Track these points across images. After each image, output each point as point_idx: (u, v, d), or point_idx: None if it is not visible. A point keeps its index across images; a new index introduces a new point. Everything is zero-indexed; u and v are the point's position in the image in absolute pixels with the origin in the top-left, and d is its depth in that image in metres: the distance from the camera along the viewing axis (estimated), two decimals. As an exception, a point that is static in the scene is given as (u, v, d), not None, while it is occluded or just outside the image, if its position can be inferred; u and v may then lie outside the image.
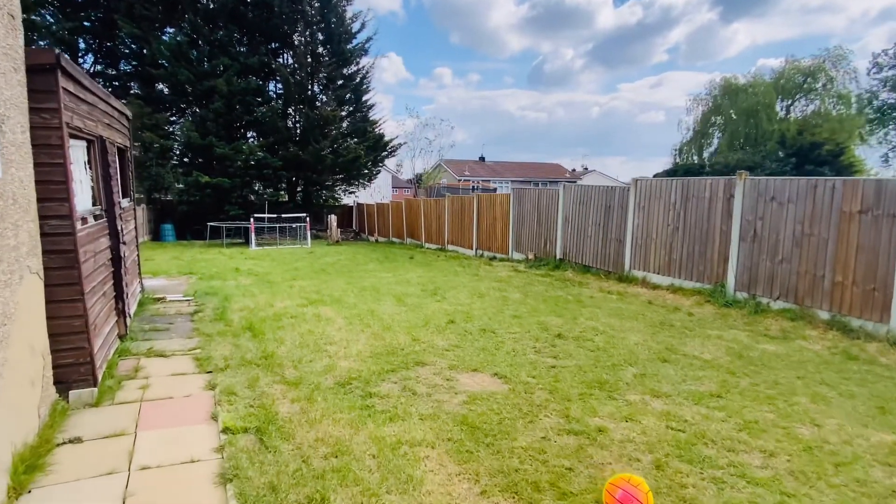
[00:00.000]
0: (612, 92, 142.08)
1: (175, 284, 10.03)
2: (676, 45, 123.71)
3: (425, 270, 12.60)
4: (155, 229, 25.60)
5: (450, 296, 9.16)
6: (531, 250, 13.41)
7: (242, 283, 10.25)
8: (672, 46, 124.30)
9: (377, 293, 9.27)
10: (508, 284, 10.37)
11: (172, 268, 12.78)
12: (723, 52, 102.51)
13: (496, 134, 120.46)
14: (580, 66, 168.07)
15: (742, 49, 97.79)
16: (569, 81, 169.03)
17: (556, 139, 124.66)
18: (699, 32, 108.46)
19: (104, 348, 4.69)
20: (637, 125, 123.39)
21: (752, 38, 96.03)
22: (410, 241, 21.86)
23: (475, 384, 4.94)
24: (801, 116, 44.85)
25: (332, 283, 10.45)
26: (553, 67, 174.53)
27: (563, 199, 12.27)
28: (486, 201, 15.85)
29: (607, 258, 10.96)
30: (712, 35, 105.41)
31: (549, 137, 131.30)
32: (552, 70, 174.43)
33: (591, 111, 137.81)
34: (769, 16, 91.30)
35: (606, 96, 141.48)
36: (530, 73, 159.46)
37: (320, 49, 27.51)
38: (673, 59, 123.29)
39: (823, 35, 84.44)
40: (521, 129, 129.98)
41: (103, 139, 5.24)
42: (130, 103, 23.27)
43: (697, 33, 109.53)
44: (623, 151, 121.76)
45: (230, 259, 15.68)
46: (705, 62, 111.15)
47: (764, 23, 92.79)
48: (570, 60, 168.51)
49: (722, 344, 6.43)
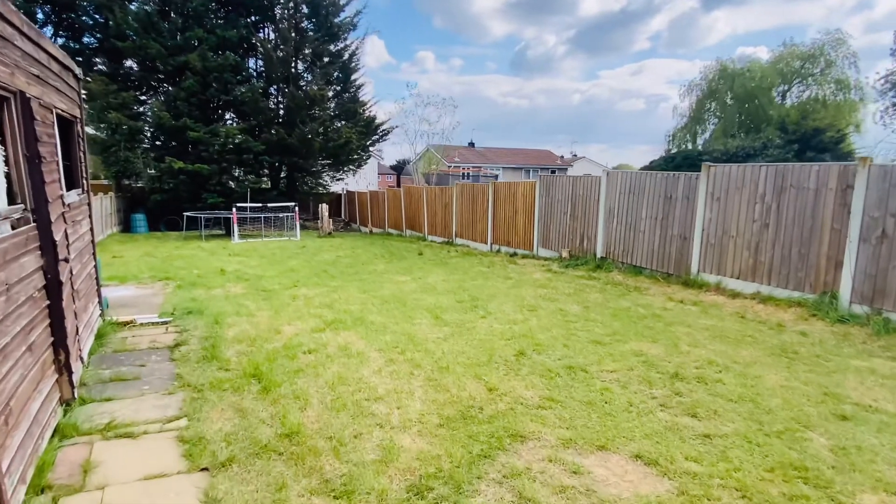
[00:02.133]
0: (593, 79, 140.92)
1: (147, 295, 8.07)
2: (658, 32, 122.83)
3: (445, 271, 10.81)
4: (125, 219, 23.24)
5: (493, 308, 7.40)
6: (564, 247, 11.70)
7: (232, 293, 8.32)
8: (654, 34, 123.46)
9: (404, 306, 7.46)
10: (555, 291, 8.65)
11: (144, 269, 10.76)
12: (703, 40, 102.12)
13: (478, 120, 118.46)
14: (562, 53, 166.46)
15: (722, 37, 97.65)
16: (551, 68, 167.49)
17: (537, 126, 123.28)
18: (681, 20, 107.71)
19: (26, 447, 2.83)
20: (617, 112, 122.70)
21: (732, 26, 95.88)
22: (411, 232, 19.99)
23: (619, 480, 3.22)
24: (797, 102, 43.90)
25: (342, 291, 8.59)
26: (536, 54, 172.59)
27: (605, 188, 10.57)
28: (504, 190, 14.07)
29: (667, 258, 9.32)
30: (693, 23, 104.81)
31: (531, 124, 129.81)
32: (535, 56, 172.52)
33: (571, 98, 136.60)
34: (749, 4, 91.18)
35: (587, 83, 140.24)
36: (513, 58, 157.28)
37: (305, 23, 25.20)
38: (654, 47, 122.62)
39: (801, 25, 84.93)
40: (503, 115, 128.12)
41: (27, 98, 3.32)
42: (94, 80, 20.85)
43: (679, 20, 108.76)
44: (603, 139, 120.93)
45: (212, 255, 13.65)
46: (686, 50, 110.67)
47: (744, 11, 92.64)
48: (553, 47, 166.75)
49: (886, 383, 4.83)
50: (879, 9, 69.22)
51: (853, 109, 41.40)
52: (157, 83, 23.31)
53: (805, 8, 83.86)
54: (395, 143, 35.13)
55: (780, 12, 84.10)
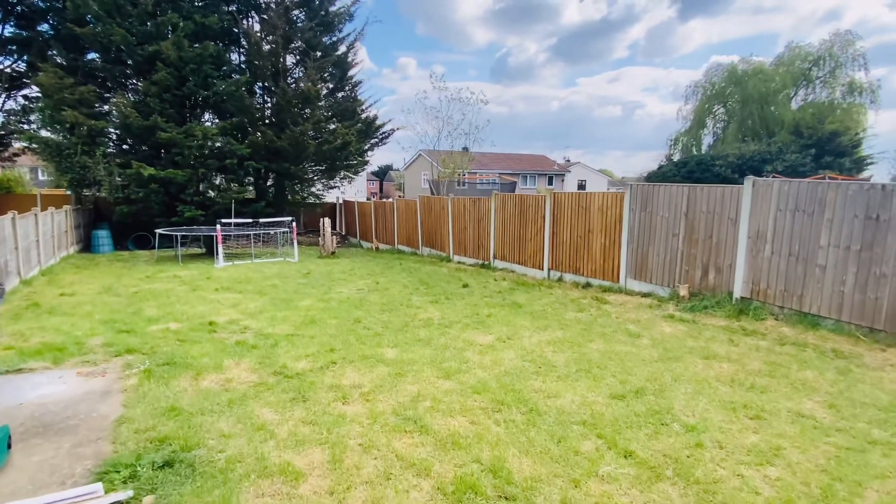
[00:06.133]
0: (572, 86, 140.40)
1: (93, 398, 4.79)
2: (636, 41, 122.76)
3: (527, 319, 7.74)
4: (86, 236, 19.61)
5: (696, 421, 4.36)
6: (673, 279, 8.77)
7: (238, 390, 5.00)
8: (632, 42, 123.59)
9: (540, 420, 4.31)
10: (737, 366, 5.68)
11: (98, 324, 7.45)
12: (679, 48, 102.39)
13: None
14: (543, 61, 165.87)
15: (697, 46, 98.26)
16: (531, 75, 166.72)
17: (517, 133, 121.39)
18: (659, 28, 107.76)
19: None
20: (594, 119, 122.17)
21: (707, 36, 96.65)
22: (429, 251, 16.89)
23: None
24: (805, 104, 42.19)
25: (409, 373, 5.43)
26: (517, 61, 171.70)
27: (749, 202, 7.68)
28: (568, 202, 11.11)
29: (871, 307, 6.44)
30: (671, 31, 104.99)
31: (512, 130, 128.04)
32: (516, 64, 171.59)
33: (550, 105, 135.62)
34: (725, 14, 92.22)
35: (566, 90, 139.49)
36: (494, 66, 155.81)
37: (295, 11, 22.02)
38: (632, 55, 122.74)
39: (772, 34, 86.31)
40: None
41: None
42: (45, 72, 17.32)
43: (657, 29, 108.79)
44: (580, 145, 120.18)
45: (193, 291, 10.36)
46: (662, 58, 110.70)
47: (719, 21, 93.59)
48: (534, 55, 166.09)
49: None
50: (848, 18, 69.65)
51: (863, 112, 39.92)
52: (123, 77, 19.79)
53: (776, 18, 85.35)
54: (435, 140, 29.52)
55: (752, 21, 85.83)
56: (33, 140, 19.20)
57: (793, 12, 79.39)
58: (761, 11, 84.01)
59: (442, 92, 27.55)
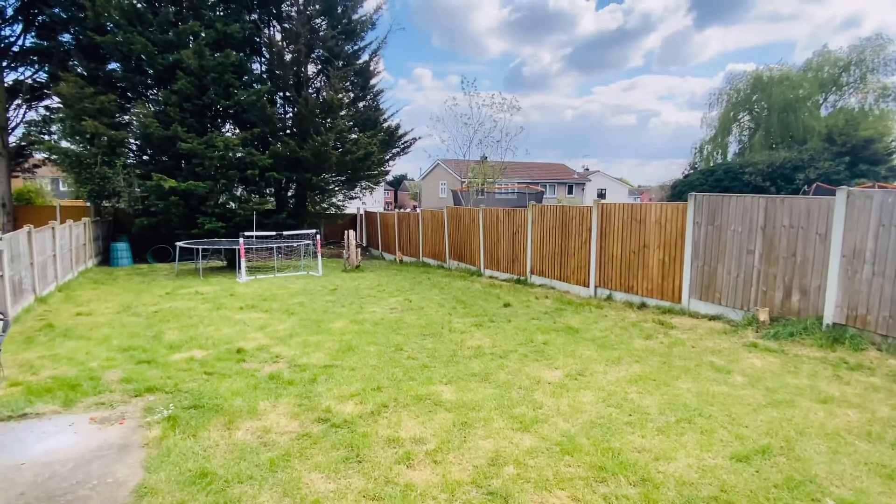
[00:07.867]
0: (587, 95, 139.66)
1: (107, 458, 4.02)
2: (651, 50, 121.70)
3: (591, 347, 6.89)
4: (105, 249, 19.18)
5: (829, 477, 3.51)
6: (758, 303, 7.85)
7: (280, 444, 4.19)
8: (648, 51, 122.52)
9: (654, 489, 3.46)
10: (850, 406, 4.76)
11: (113, 350, 6.77)
12: (695, 57, 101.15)
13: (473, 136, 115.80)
14: (557, 70, 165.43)
15: (713, 54, 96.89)
16: (545, 85, 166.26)
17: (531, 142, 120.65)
18: (675, 37, 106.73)
19: None
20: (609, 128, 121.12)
21: (722, 44, 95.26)
22: (457, 264, 16.09)
23: None
24: (835, 111, 40.81)
25: (476, 422, 4.63)
26: (531, 71, 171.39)
27: (843, 215, 6.78)
28: (618, 214, 10.25)
29: None
30: (687, 40, 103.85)
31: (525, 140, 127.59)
32: (530, 73, 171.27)
33: (564, 114, 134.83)
34: (742, 22, 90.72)
35: (580, 99, 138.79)
36: (508, 75, 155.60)
37: (318, 20, 21.51)
38: (647, 64, 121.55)
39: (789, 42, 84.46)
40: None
41: None
42: (66, 81, 16.95)
43: (673, 38, 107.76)
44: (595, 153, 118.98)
45: (217, 310, 9.67)
46: (678, 67, 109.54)
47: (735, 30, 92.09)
48: (549, 64, 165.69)
49: None
50: (867, 25, 67.98)
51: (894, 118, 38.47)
52: (143, 87, 19.41)
53: (793, 26, 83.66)
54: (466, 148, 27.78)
55: (769, 30, 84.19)
56: (53, 150, 18.91)
57: (810, 20, 77.92)
58: (778, 20, 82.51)
59: (473, 98, 27.00)
